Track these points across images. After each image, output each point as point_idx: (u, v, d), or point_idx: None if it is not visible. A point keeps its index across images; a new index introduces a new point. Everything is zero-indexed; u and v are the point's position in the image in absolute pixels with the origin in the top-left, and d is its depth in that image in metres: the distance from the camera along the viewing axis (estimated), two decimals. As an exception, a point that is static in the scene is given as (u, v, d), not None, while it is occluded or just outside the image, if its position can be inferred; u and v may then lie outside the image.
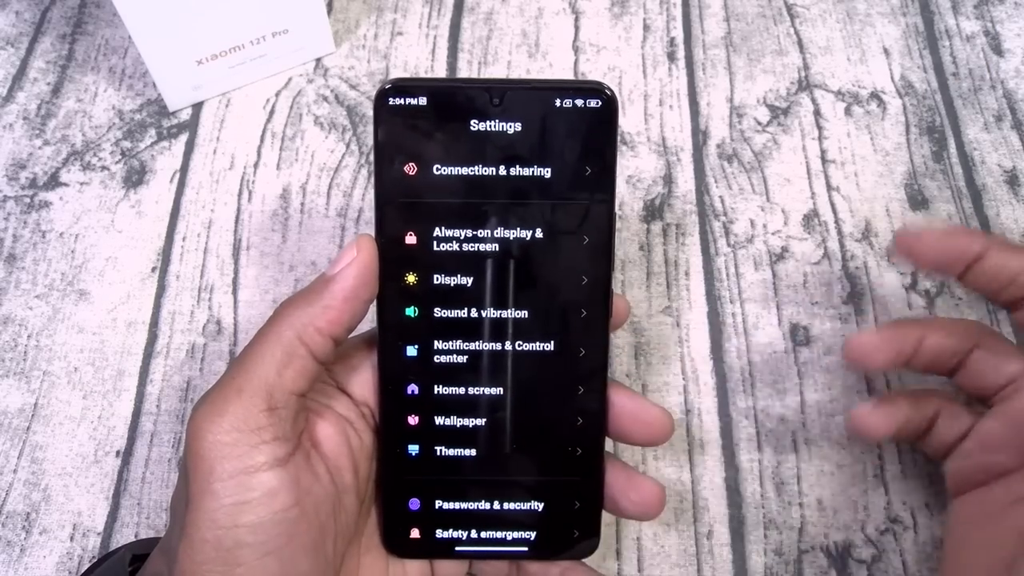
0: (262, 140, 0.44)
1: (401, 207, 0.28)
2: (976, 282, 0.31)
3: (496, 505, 0.30)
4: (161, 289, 0.40)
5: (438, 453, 0.30)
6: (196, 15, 0.41)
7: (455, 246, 0.28)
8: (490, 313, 0.29)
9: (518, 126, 0.27)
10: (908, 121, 0.44)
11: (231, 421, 0.25)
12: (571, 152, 0.27)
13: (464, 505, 0.30)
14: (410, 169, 0.27)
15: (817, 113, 0.44)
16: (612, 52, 0.47)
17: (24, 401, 0.37)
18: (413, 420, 0.29)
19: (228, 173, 0.43)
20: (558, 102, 0.27)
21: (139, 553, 0.30)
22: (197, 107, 0.45)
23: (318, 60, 0.46)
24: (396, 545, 0.30)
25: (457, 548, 0.30)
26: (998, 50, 0.46)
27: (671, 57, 0.46)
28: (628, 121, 0.44)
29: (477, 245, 0.28)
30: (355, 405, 0.29)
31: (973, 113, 0.44)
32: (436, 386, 0.29)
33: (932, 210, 0.41)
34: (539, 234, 0.28)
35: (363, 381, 0.30)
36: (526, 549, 0.30)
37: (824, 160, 0.43)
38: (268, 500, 0.25)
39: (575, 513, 0.30)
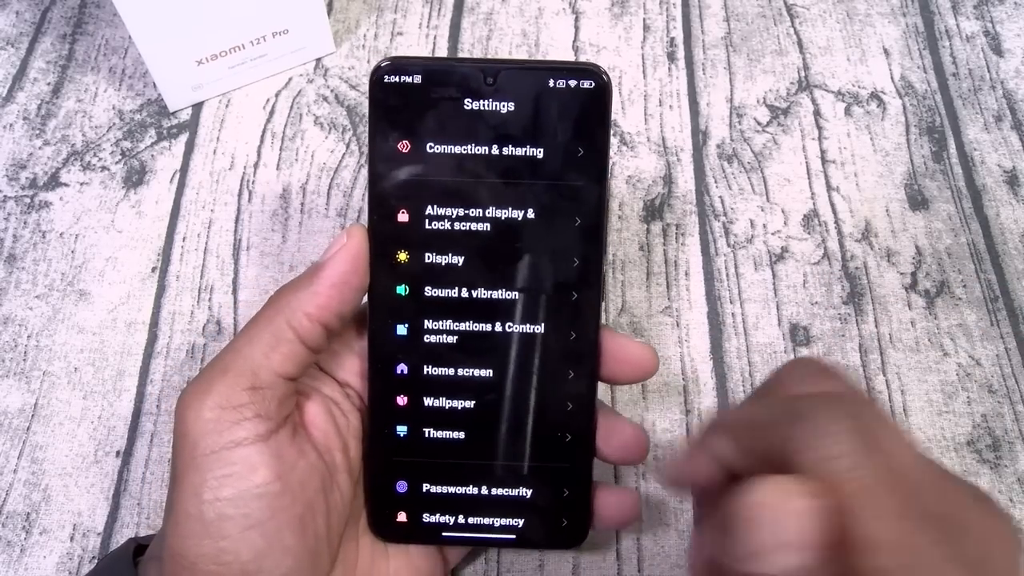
0: (262, 140, 0.44)
1: (394, 185, 0.28)
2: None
3: (484, 491, 0.30)
4: (161, 289, 0.40)
5: (426, 435, 0.29)
6: (196, 15, 0.41)
7: (446, 225, 0.28)
8: (480, 294, 0.29)
9: (511, 106, 0.27)
10: (908, 121, 0.44)
11: (215, 399, 0.26)
12: (564, 133, 0.27)
13: (452, 490, 0.30)
14: (403, 147, 0.27)
15: (817, 113, 0.44)
16: (612, 52, 0.47)
17: (24, 401, 0.37)
18: (401, 400, 0.29)
19: (228, 173, 0.43)
20: (552, 83, 0.27)
21: (144, 543, 0.30)
22: (197, 107, 0.45)
23: (318, 60, 0.46)
24: (382, 528, 0.30)
25: (444, 534, 0.30)
26: (998, 50, 0.46)
27: (671, 57, 0.46)
28: (628, 121, 0.44)
29: (468, 224, 0.28)
30: (339, 386, 0.29)
31: (973, 113, 0.44)
32: (425, 366, 0.29)
33: (932, 210, 0.41)
34: (531, 215, 0.28)
35: (346, 364, 0.30)
36: (513, 537, 0.30)
37: (824, 160, 0.43)
38: (248, 473, 0.25)
39: (564, 501, 0.30)
